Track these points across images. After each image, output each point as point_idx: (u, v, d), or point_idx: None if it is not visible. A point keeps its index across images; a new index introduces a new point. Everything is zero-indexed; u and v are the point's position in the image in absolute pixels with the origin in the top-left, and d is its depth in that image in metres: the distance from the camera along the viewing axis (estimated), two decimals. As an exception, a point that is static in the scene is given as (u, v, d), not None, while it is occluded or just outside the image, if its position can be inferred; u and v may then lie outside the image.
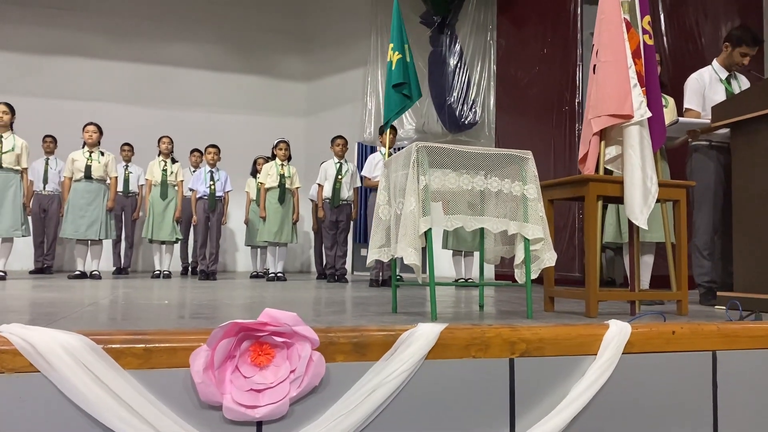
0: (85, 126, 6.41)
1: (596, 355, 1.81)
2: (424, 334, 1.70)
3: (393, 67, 4.99)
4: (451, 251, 7.13)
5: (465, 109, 8.42)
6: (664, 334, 1.89)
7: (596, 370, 1.78)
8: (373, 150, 9.71)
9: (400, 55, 5.02)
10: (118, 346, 1.50)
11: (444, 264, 7.93)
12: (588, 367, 1.80)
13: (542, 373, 1.78)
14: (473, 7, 8.53)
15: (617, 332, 1.83)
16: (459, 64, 8.49)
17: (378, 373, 1.63)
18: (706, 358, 1.92)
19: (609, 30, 3.13)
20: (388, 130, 5.14)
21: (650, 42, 3.27)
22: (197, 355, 1.49)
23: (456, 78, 8.49)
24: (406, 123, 9.03)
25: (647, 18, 3.28)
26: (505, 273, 7.29)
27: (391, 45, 5.04)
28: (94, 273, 6.33)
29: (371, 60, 9.36)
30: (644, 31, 3.24)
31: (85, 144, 6.38)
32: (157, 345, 1.52)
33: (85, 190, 6.23)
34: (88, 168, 6.23)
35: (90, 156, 6.30)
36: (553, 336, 1.79)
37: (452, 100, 8.45)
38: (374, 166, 6.18)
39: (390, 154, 5.11)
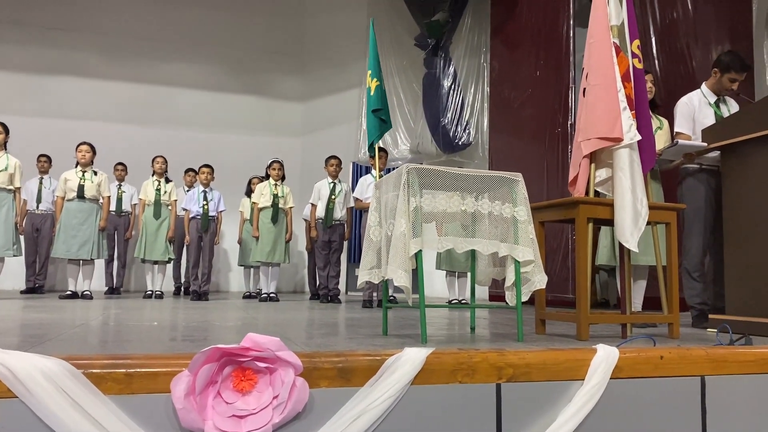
0: (78, 145, 6.41)
1: (584, 380, 1.79)
2: (410, 360, 1.68)
3: (372, 93, 5.18)
4: (445, 272, 7.12)
5: (459, 130, 8.47)
6: (652, 359, 1.88)
7: (584, 396, 1.77)
8: (367, 171, 9.74)
9: (377, 82, 5.21)
10: (98, 371, 1.48)
11: (438, 284, 7.91)
12: (575, 393, 1.78)
13: (529, 399, 1.76)
14: (467, 30, 8.61)
15: (605, 357, 1.82)
16: (453, 86, 8.56)
17: (362, 400, 1.61)
18: (694, 384, 1.91)
19: (598, 54, 3.16)
20: (376, 153, 5.23)
21: (639, 66, 3.30)
22: (178, 380, 1.47)
23: (450, 99, 8.54)
24: (401, 143, 9.07)
25: (636, 42, 3.32)
26: (498, 294, 7.27)
27: (369, 72, 5.25)
28: (85, 293, 6.29)
29: (366, 81, 9.42)
30: (633, 55, 3.27)
31: (77, 163, 6.37)
32: (138, 370, 1.50)
33: (77, 209, 6.22)
34: (80, 187, 6.22)
35: (83, 175, 6.29)
36: (540, 361, 1.78)
37: (446, 121, 8.50)
38: (366, 188, 6.24)
39: (381, 176, 5.12)
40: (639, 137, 3.08)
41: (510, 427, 1.73)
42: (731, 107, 4.09)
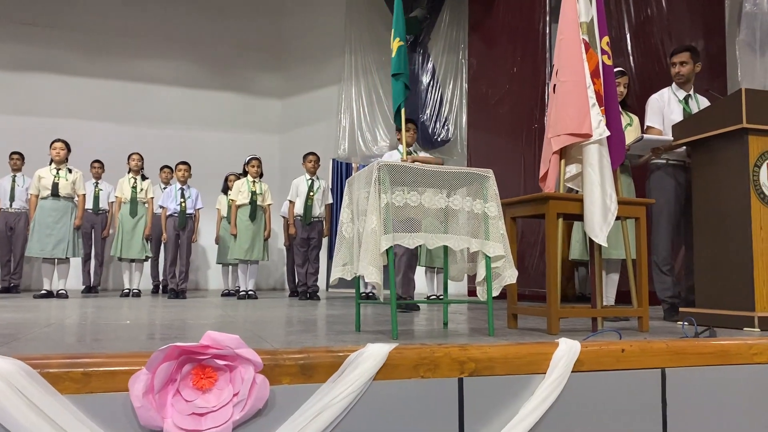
0: (53, 143, 6.33)
1: (546, 373, 1.81)
2: (372, 355, 1.69)
3: (393, 54, 4.71)
4: (425, 268, 7.15)
5: (438, 126, 8.49)
6: (613, 352, 1.90)
7: (545, 389, 1.79)
8: (348, 167, 9.74)
9: (401, 42, 4.70)
10: (55, 370, 1.47)
11: (419, 280, 7.93)
12: (537, 386, 1.80)
13: (492, 393, 1.78)
14: (445, 27, 8.63)
15: (567, 351, 1.84)
16: (432, 82, 8.57)
17: (324, 396, 1.62)
18: (655, 376, 1.94)
19: (568, 50, 3.18)
20: (402, 123, 4.74)
21: (609, 62, 3.33)
22: (136, 378, 1.47)
23: (429, 96, 8.56)
24: (380, 139, 9.07)
25: (606, 39, 3.35)
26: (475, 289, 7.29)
27: (393, 31, 4.77)
28: (60, 292, 6.22)
29: (345, 77, 9.42)
30: (603, 52, 3.30)
31: (52, 161, 6.30)
32: (95, 369, 1.49)
33: (51, 207, 6.14)
34: (55, 185, 6.15)
35: (57, 173, 6.22)
36: (502, 355, 1.80)
37: (425, 117, 8.52)
38: None
39: (409, 152, 4.89)
40: (608, 133, 3.11)
41: (472, 421, 1.75)
42: (701, 104, 4.15)
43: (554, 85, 3.24)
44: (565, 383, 1.81)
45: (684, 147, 3.75)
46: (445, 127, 8.48)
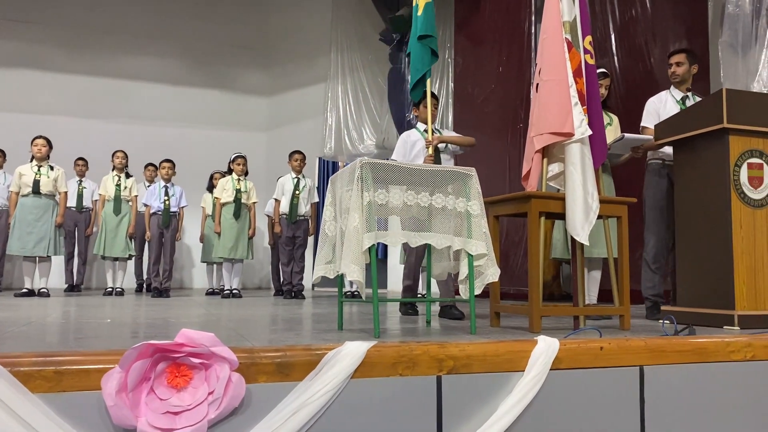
0: (34, 139, 6.27)
1: (524, 371, 1.81)
2: (350, 353, 1.68)
3: (419, 12, 4.09)
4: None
5: (424, 125, 8.48)
6: (592, 350, 1.91)
7: (524, 387, 1.79)
8: (334, 165, 9.71)
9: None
10: (26, 368, 1.44)
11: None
12: (516, 384, 1.80)
13: (470, 390, 1.78)
14: (432, 25, 8.62)
15: (545, 348, 1.84)
16: (418, 81, 8.55)
17: (301, 394, 1.61)
18: (633, 374, 1.94)
19: (551, 49, 3.19)
20: (429, 97, 4.12)
21: (591, 62, 3.34)
22: (109, 377, 1.45)
23: (415, 94, 8.54)
24: (367, 138, 9.06)
25: (588, 38, 3.36)
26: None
27: None
28: (42, 291, 6.16)
29: (331, 76, 9.40)
30: (585, 51, 3.31)
31: (33, 158, 6.22)
32: (68, 367, 1.47)
33: (33, 205, 6.08)
34: (36, 183, 6.08)
35: (38, 170, 6.15)
36: (480, 352, 1.80)
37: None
38: (410, 147, 4.39)
39: (433, 132, 4.17)
40: (590, 132, 3.12)
41: (450, 419, 1.75)
42: None
43: (537, 84, 3.25)
44: (544, 381, 1.81)
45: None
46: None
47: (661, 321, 3.60)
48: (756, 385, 2.08)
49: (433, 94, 4.24)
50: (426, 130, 4.20)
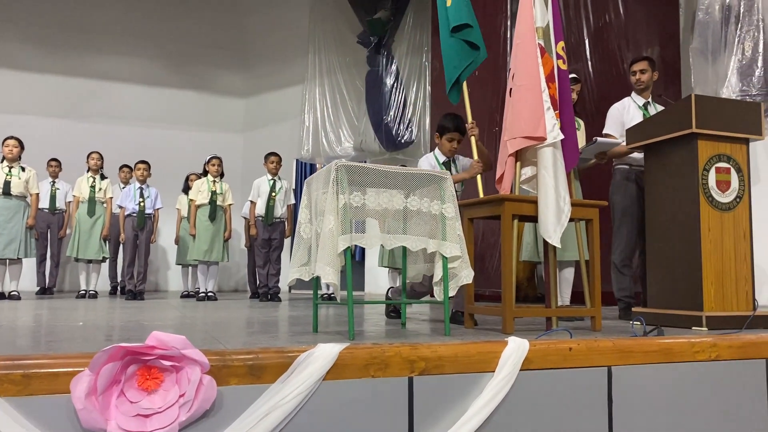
0: (5, 140, 6.16)
1: (494, 372, 1.84)
2: (322, 355, 1.69)
3: (449, 4, 3.65)
4: (388, 268, 7.18)
5: (402, 128, 8.52)
6: (561, 351, 1.94)
7: (494, 387, 1.81)
8: (312, 167, 9.71)
9: None
10: (-7, 372, 1.43)
11: (382, 281, 7.95)
12: (486, 384, 1.82)
13: (441, 391, 1.80)
14: (409, 29, 8.67)
15: (515, 349, 1.87)
16: (395, 84, 8.60)
17: (273, 396, 1.61)
18: (601, 373, 1.98)
19: (524, 54, 3.23)
20: (466, 99, 3.79)
21: (564, 67, 3.38)
22: (79, 380, 1.44)
23: (393, 97, 8.58)
24: (344, 140, 9.07)
25: (561, 43, 3.41)
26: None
27: None
28: (12, 293, 6.06)
29: (309, 77, 9.39)
30: (558, 56, 3.36)
31: (4, 158, 6.12)
32: (36, 371, 1.46)
33: (3, 206, 5.98)
34: (6, 184, 5.98)
35: (9, 171, 6.05)
36: (452, 354, 1.82)
37: (389, 119, 8.54)
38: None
39: (448, 163, 3.93)
40: (562, 136, 3.17)
41: (422, 419, 1.76)
42: (659, 110, 4.26)
43: (510, 89, 3.30)
44: (514, 381, 1.83)
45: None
46: (409, 129, 8.52)
47: (631, 322, 3.67)
48: (720, 384, 2.13)
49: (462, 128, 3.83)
50: (444, 163, 3.99)
